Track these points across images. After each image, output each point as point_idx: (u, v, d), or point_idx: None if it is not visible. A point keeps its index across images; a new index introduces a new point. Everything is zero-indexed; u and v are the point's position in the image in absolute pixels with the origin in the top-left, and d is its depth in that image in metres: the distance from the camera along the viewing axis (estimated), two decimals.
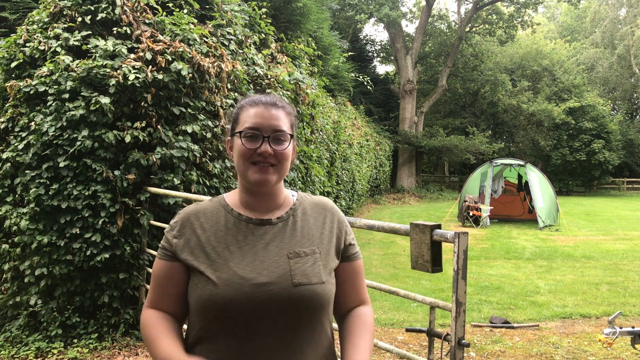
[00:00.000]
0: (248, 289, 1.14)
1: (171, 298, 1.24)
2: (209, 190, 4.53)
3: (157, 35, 4.60)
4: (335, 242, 1.30)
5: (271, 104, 1.26)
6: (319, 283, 1.20)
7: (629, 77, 36.35)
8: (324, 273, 1.22)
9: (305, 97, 6.62)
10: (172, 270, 1.23)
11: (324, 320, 1.24)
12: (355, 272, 1.34)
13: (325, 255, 1.26)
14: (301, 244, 1.24)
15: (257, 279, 1.15)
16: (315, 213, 1.32)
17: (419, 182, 26.53)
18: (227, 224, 1.25)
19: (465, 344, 1.91)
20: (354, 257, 1.34)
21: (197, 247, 1.22)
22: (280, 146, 1.23)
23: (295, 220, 1.28)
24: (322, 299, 1.20)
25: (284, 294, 1.15)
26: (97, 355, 3.80)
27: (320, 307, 1.21)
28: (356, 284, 1.34)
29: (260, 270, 1.17)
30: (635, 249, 9.93)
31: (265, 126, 1.22)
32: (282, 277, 1.17)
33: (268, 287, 1.15)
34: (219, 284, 1.15)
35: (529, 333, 4.99)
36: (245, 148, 1.22)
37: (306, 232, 1.27)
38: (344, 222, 1.35)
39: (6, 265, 4.29)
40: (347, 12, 22.19)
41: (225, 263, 1.18)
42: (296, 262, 1.20)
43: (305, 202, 1.34)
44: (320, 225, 1.30)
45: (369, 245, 10.40)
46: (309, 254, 1.23)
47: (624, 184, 30.60)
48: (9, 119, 4.39)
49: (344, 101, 15.81)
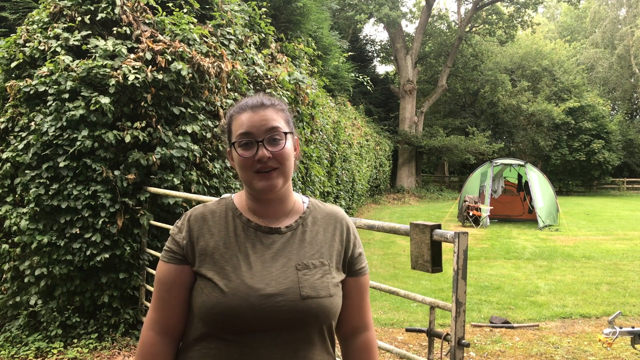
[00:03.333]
0: (255, 299, 1.11)
1: (177, 308, 1.19)
2: (209, 190, 4.53)
3: (157, 35, 4.60)
4: (343, 254, 1.26)
5: (259, 105, 1.21)
6: (327, 297, 1.16)
7: (628, 77, 36.35)
8: (332, 286, 1.18)
9: (305, 97, 6.62)
10: (182, 274, 1.19)
11: (326, 334, 1.21)
12: (360, 289, 1.28)
13: (334, 268, 1.22)
14: (310, 255, 1.21)
15: (264, 290, 1.12)
16: (325, 223, 1.27)
17: (419, 182, 26.52)
18: (235, 230, 1.21)
19: (465, 344, 1.91)
20: (360, 273, 1.28)
21: (205, 252, 1.18)
22: (277, 147, 1.19)
23: (304, 230, 1.24)
24: (330, 312, 1.17)
25: (291, 306, 1.12)
26: (97, 355, 3.80)
27: (327, 322, 1.18)
28: (360, 303, 1.29)
29: (268, 281, 1.14)
30: (635, 249, 9.94)
31: (257, 130, 1.18)
32: (290, 289, 1.14)
33: (275, 299, 1.12)
34: (227, 293, 1.12)
35: (529, 333, 4.99)
36: (242, 158, 1.18)
37: (315, 243, 1.23)
38: (354, 233, 1.30)
39: (6, 265, 4.28)
40: (347, 12, 22.18)
41: (234, 271, 1.15)
42: (304, 274, 1.16)
43: (316, 211, 1.29)
44: (330, 236, 1.26)
45: (369, 245, 10.41)
46: (318, 266, 1.19)
47: (623, 184, 30.60)
48: (9, 119, 4.39)
49: (344, 101, 15.81)
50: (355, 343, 1.29)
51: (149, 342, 1.20)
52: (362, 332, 1.30)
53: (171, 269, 1.20)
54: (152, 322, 1.21)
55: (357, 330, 1.30)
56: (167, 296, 1.19)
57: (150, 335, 1.20)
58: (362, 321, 1.30)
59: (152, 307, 1.22)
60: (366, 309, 1.31)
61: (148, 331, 1.21)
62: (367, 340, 1.29)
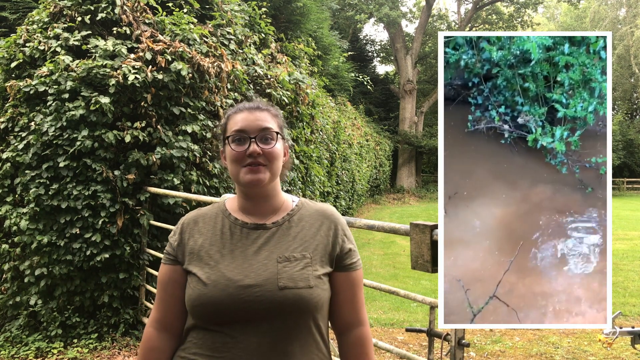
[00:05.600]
0: (233, 290, 1.17)
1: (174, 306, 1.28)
2: (209, 190, 4.53)
3: (157, 35, 4.60)
4: (330, 248, 1.27)
5: (255, 107, 1.30)
6: (306, 287, 1.18)
7: (628, 77, 36.36)
8: (312, 278, 1.20)
9: (305, 97, 6.62)
10: (175, 274, 1.28)
11: (312, 327, 1.22)
12: (351, 284, 1.30)
13: (318, 261, 1.24)
14: (292, 248, 1.24)
15: (243, 281, 1.18)
16: (312, 219, 1.30)
17: (418, 182, 26.53)
18: (222, 229, 1.28)
19: (465, 344, 1.91)
20: (350, 268, 1.30)
21: (193, 251, 1.26)
22: (268, 145, 1.26)
23: (290, 226, 1.28)
24: (309, 303, 1.18)
25: (268, 296, 1.16)
26: (97, 355, 3.80)
27: (307, 312, 1.19)
28: (352, 298, 1.30)
29: (247, 273, 1.19)
30: (635, 249, 9.93)
31: (250, 127, 1.26)
32: (268, 280, 1.18)
33: (253, 290, 1.17)
34: (208, 284, 1.18)
35: (529, 333, 4.99)
36: (234, 152, 1.25)
37: (299, 238, 1.26)
38: (343, 229, 1.32)
39: (6, 265, 4.29)
40: (347, 12, 22.19)
41: (216, 265, 1.22)
42: (285, 266, 1.20)
43: (304, 209, 1.33)
44: (315, 231, 1.28)
45: (369, 245, 10.41)
46: (299, 258, 1.22)
47: (624, 184, 30.58)
48: (9, 119, 4.39)
49: (344, 101, 15.82)
50: (349, 338, 1.31)
51: (148, 338, 1.30)
52: (356, 327, 1.32)
53: (167, 269, 1.30)
54: (153, 319, 1.31)
55: (350, 325, 1.31)
56: (165, 295, 1.29)
57: (150, 331, 1.30)
58: (356, 317, 1.31)
59: (154, 306, 1.33)
60: (359, 305, 1.32)
61: (148, 328, 1.31)
62: (361, 336, 1.31)
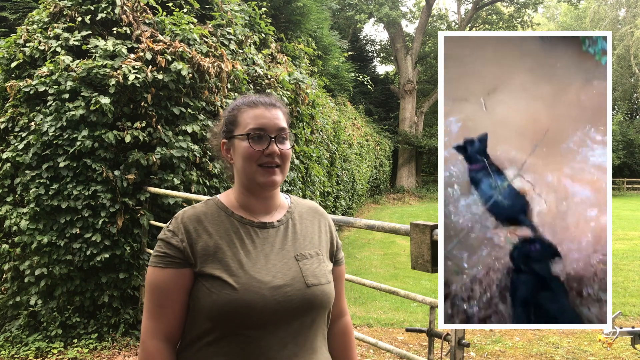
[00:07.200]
0: (267, 291, 1.14)
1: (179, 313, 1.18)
2: (209, 190, 4.53)
3: (157, 35, 4.60)
4: (329, 244, 1.35)
5: (270, 104, 1.27)
6: (327, 283, 1.24)
7: (628, 77, 36.35)
8: (327, 273, 1.27)
9: (305, 97, 6.62)
10: (183, 278, 1.17)
11: (325, 321, 1.29)
12: (340, 278, 1.38)
13: (325, 257, 1.31)
14: (304, 246, 1.27)
15: (273, 282, 1.16)
16: (310, 217, 1.36)
17: (419, 182, 26.52)
18: (232, 228, 1.22)
19: (465, 343, 1.91)
20: (340, 262, 1.39)
21: (206, 252, 1.17)
22: (284, 146, 1.25)
23: (294, 224, 1.30)
24: (330, 298, 1.24)
25: (299, 295, 1.18)
26: (97, 355, 3.80)
27: (327, 307, 1.25)
28: (340, 291, 1.38)
29: (274, 273, 1.18)
30: (635, 249, 9.93)
31: (270, 126, 1.23)
32: (294, 279, 1.19)
33: (284, 289, 1.16)
34: (238, 289, 1.12)
35: (529, 333, 4.99)
36: (252, 150, 1.21)
37: (307, 235, 1.30)
38: (332, 225, 1.41)
39: (6, 265, 4.29)
40: (347, 12, 22.18)
41: (240, 267, 1.16)
42: (304, 264, 1.23)
43: (299, 206, 1.36)
44: (317, 228, 1.34)
45: (369, 245, 10.41)
46: (314, 255, 1.27)
47: (624, 184, 30.57)
48: (9, 119, 4.40)
49: (344, 101, 15.81)
50: (336, 327, 1.38)
51: (156, 352, 1.16)
52: (342, 317, 1.40)
53: (170, 273, 1.17)
54: (155, 330, 1.17)
55: (337, 315, 1.39)
56: (168, 302, 1.17)
57: (155, 344, 1.17)
58: (341, 307, 1.40)
59: (149, 315, 1.19)
60: (344, 296, 1.42)
61: (152, 340, 1.17)
62: (346, 325, 1.40)
